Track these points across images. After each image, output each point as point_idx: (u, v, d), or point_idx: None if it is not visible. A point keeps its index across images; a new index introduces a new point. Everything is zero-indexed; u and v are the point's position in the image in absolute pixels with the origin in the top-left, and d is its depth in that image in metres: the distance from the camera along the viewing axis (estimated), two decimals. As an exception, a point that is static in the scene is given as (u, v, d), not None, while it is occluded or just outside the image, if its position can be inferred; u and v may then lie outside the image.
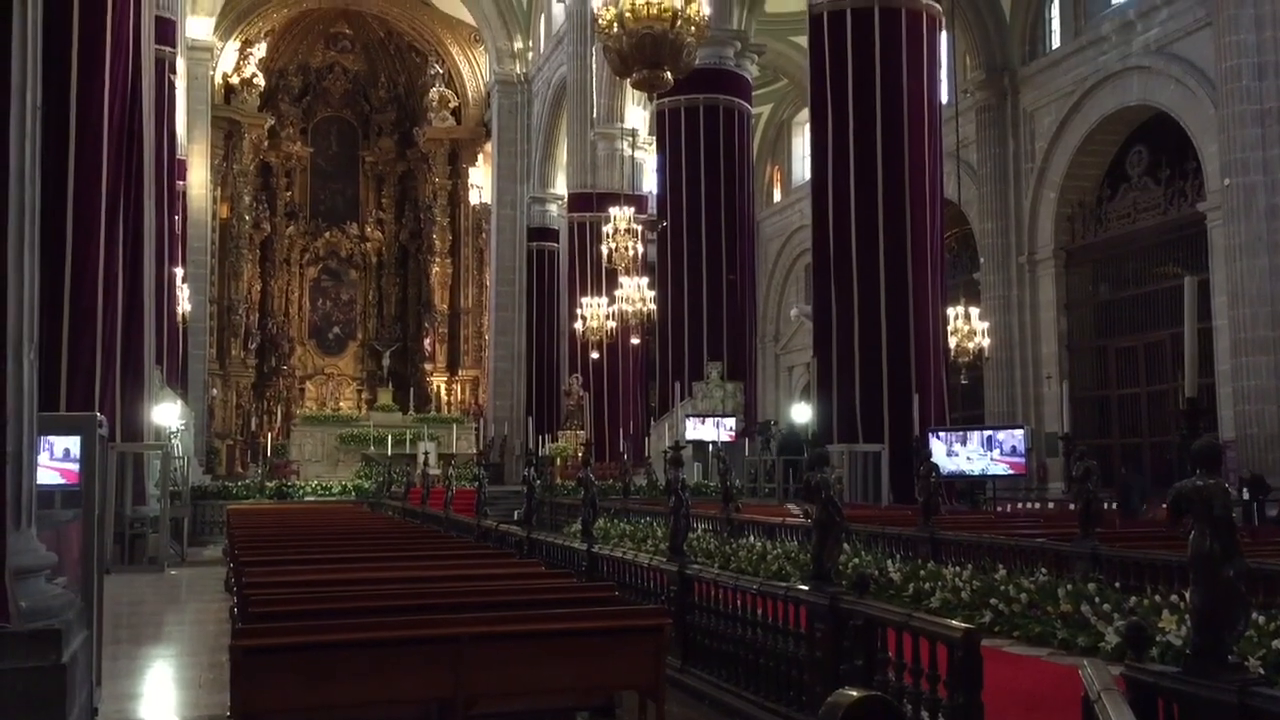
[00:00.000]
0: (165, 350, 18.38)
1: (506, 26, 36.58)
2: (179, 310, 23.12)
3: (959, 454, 15.82)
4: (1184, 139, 20.54)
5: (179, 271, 22.72)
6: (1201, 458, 3.33)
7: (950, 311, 19.00)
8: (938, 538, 10.36)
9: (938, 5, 17.22)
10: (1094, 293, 23.84)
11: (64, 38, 10.43)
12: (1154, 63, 21.02)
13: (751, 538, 12.01)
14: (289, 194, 40.73)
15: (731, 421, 22.05)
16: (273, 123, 39.82)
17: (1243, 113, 17.29)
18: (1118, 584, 8.19)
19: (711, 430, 21.80)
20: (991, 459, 15.68)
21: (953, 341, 19.17)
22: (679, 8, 11.21)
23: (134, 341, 11.82)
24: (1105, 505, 12.86)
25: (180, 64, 22.70)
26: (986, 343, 20.24)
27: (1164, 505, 3.71)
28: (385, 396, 37.05)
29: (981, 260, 25.20)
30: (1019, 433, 16.19)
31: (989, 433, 16.31)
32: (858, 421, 16.69)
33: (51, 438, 7.07)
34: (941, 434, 15.99)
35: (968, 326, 19.71)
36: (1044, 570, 8.67)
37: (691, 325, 23.65)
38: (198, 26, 32.40)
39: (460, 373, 40.82)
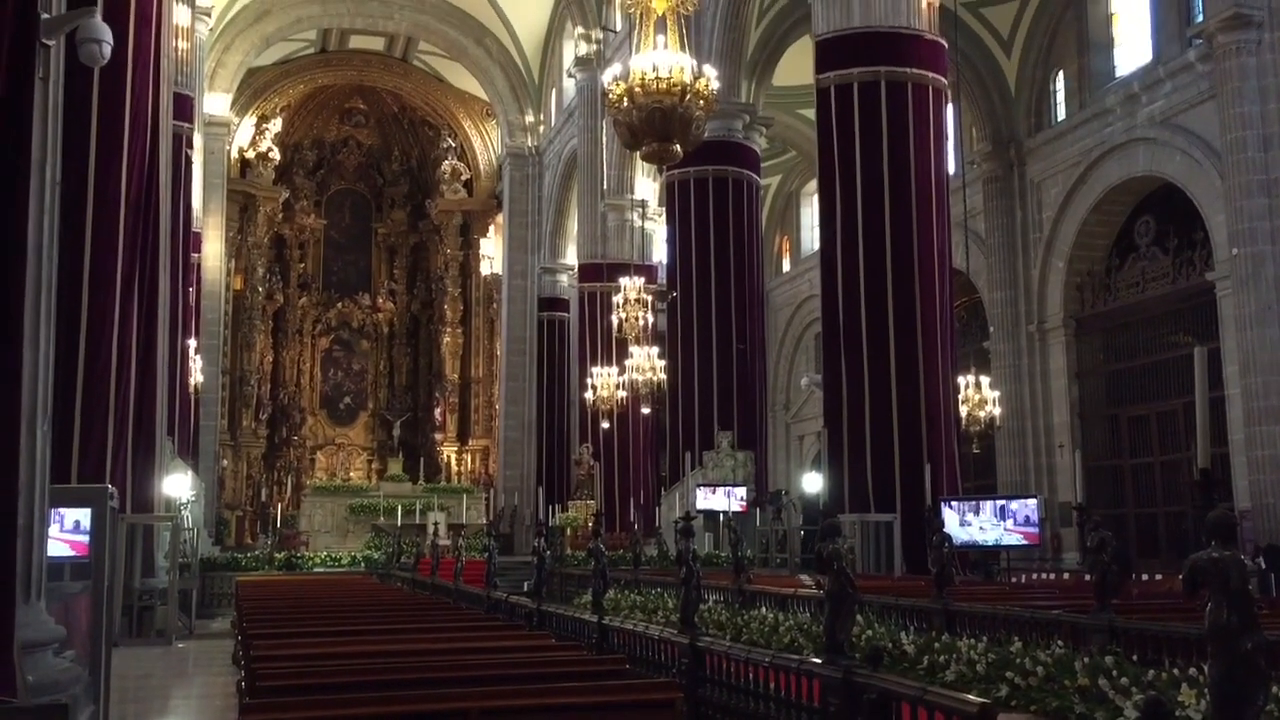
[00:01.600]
0: (177, 421, 18.43)
1: (518, 101, 37.14)
2: (192, 381, 23.21)
3: (972, 524, 15.70)
4: (1191, 209, 20.65)
5: (192, 343, 22.86)
6: (1216, 529, 3.31)
7: (961, 380, 18.98)
8: (952, 609, 10.24)
9: (943, 79, 17.44)
10: (1105, 361, 23.81)
11: (84, 114, 10.62)
12: (1159, 134, 21.20)
13: (763, 609, 11.90)
14: (302, 265, 41.11)
15: (742, 491, 21.95)
16: (287, 196, 40.33)
17: (1249, 183, 17.42)
18: (1135, 657, 8.07)
19: (722, 500, 21.68)
20: (1005, 529, 15.55)
21: (964, 410, 19.12)
22: (688, 82, 11.39)
23: (147, 413, 11.87)
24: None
25: (198, 139, 23.06)
26: (998, 412, 20.17)
27: (1180, 577, 3.67)
28: (395, 466, 37.00)
29: (991, 329, 25.23)
30: (1032, 502, 16.07)
31: (1002, 502, 16.20)
32: (869, 491, 16.59)
33: (62, 509, 7.07)
34: (954, 503, 15.89)
35: (979, 395, 19.67)
36: (1060, 643, 8.55)
37: (702, 394, 23.64)
38: (215, 103, 32.95)
39: (471, 442, 40.80)
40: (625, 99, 11.43)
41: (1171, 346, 21.72)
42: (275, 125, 39.74)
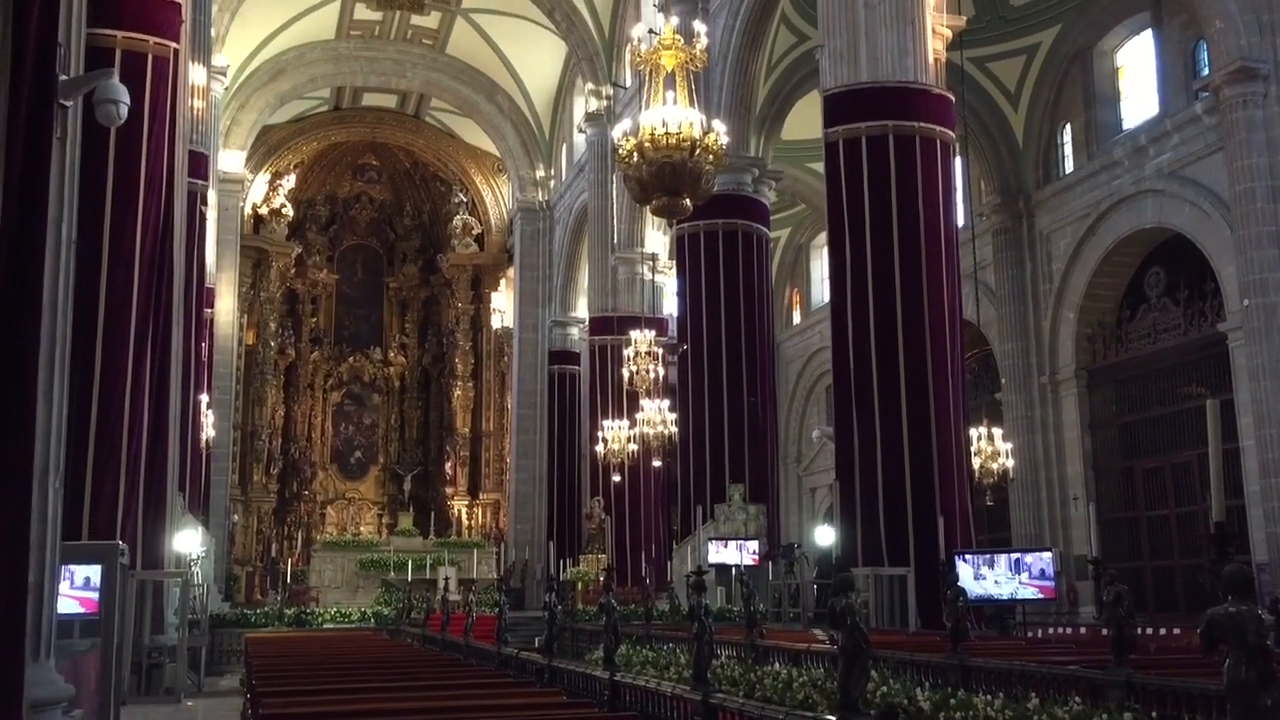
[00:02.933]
0: (188, 476, 18.43)
1: (529, 156, 37.50)
2: (203, 436, 23.25)
3: (986, 577, 15.55)
4: (1201, 260, 20.65)
5: (204, 398, 22.92)
6: (1233, 584, 3.28)
7: (973, 432, 18.90)
8: (967, 664, 10.12)
9: (951, 132, 17.55)
10: (1118, 413, 23.70)
11: (100, 172, 10.76)
12: (1167, 186, 21.27)
13: (777, 664, 11.77)
14: (314, 320, 41.33)
15: (754, 544, 21.81)
16: (300, 251, 40.66)
17: (1259, 234, 17.43)
18: (1154, 714, 7.95)
19: (734, 554, 21.54)
20: (1020, 582, 15.40)
21: (976, 463, 19.02)
22: (697, 137, 11.49)
23: (158, 468, 11.88)
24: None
25: (212, 196, 23.30)
26: (1011, 464, 20.07)
27: (1198, 632, 3.63)
28: (406, 521, 36.90)
29: (1003, 381, 25.17)
30: (1047, 555, 15.92)
31: (1017, 555, 16.05)
32: (883, 544, 16.47)
33: (73, 566, 7.07)
34: (968, 557, 15.76)
35: (991, 447, 19.58)
36: (1078, 699, 8.43)
37: (713, 447, 23.57)
38: (230, 160, 33.32)
39: (481, 496, 40.71)
40: (635, 154, 11.53)
41: (1185, 398, 21.61)
42: (289, 181, 40.18)
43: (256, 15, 31.03)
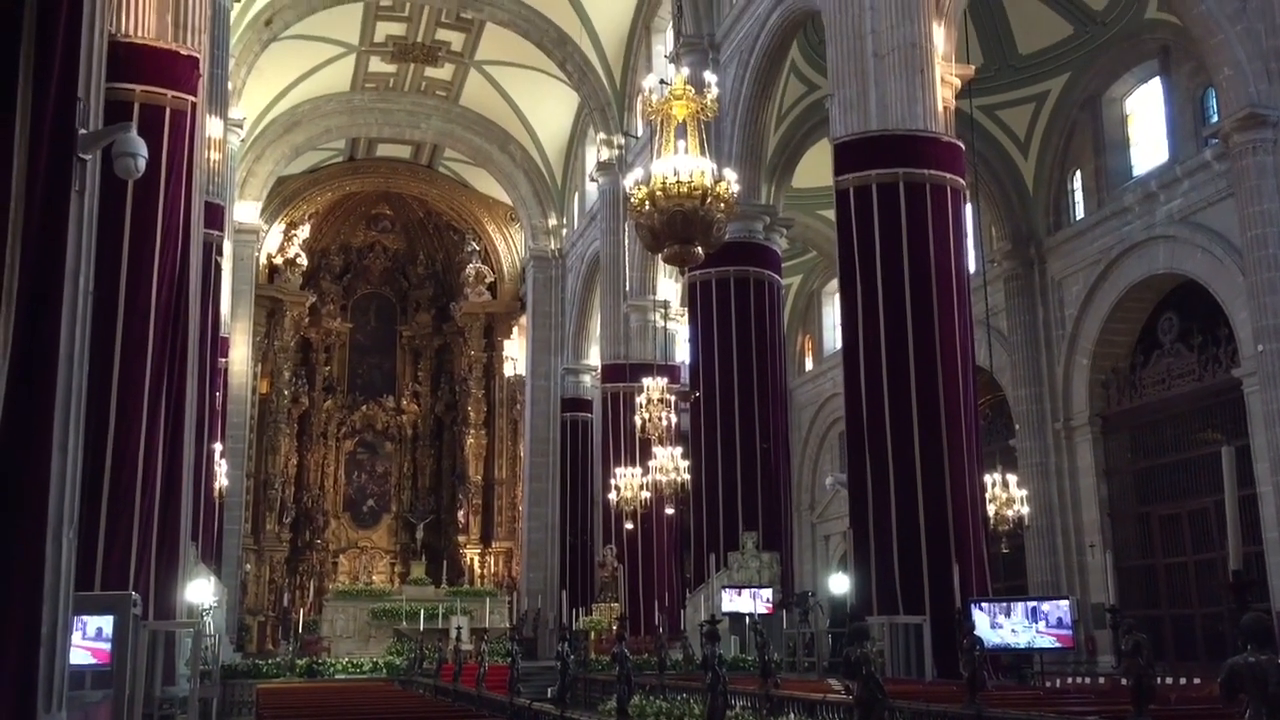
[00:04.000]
0: (201, 526, 18.43)
1: (541, 205, 37.77)
2: (217, 486, 23.26)
3: (1003, 626, 15.38)
4: (1214, 305, 20.62)
5: (218, 447, 22.96)
6: (1252, 633, 3.26)
7: (987, 479, 18.80)
8: (985, 715, 9.99)
9: (961, 179, 17.61)
10: (1133, 459, 23.54)
11: (117, 224, 10.87)
12: (1179, 232, 21.28)
13: (792, 715, 11.65)
14: (328, 369, 41.49)
15: (768, 593, 21.65)
16: (314, 300, 40.90)
17: (1272, 279, 17.41)
18: (1176, 765, 7.84)
19: (748, 602, 21.39)
20: (1037, 631, 15.23)
21: (991, 509, 18.89)
22: (708, 186, 11.55)
23: (171, 518, 11.90)
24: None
25: (227, 246, 23.48)
26: (1026, 511, 19.93)
27: (1218, 682, 3.59)
28: (418, 570, 36.74)
29: (1017, 427, 25.06)
30: (1064, 604, 15.76)
31: (1033, 604, 15.89)
32: (897, 592, 16.32)
33: (85, 617, 7.06)
34: (984, 605, 15.61)
35: (1006, 494, 19.45)
36: (1098, 750, 8.32)
37: (726, 495, 23.48)
38: (245, 211, 33.62)
39: (494, 544, 40.57)
40: (647, 202, 11.59)
41: (1200, 444, 21.48)
42: (303, 232, 40.52)
43: (273, 69, 31.45)
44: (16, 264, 4.95)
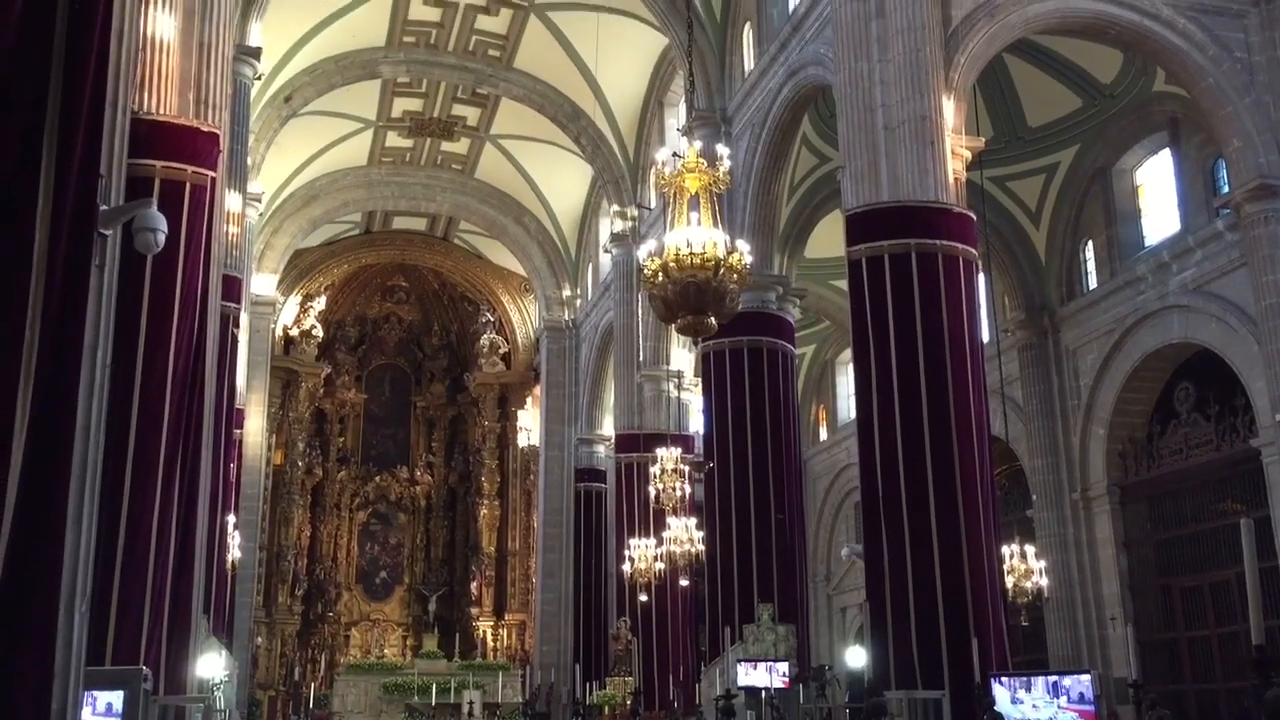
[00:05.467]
0: (213, 598, 18.33)
1: (555, 276, 38.04)
2: (229, 558, 23.18)
3: (1024, 701, 15.10)
4: (1230, 375, 20.53)
5: (231, 519, 22.91)
6: (1274, 709, 3.20)
7: (1005, 550, 18.60)
8: (1007, 794, 9.80)
9: (973, 250, 17.67)
10: (1153, 530, 23.29)
11: (135, 297, 10.97)
12: (1192, 301, 21.27)
13: (809, 794, 11.43)
14: (342, 440, 41.54)
15: (784, 666, 21.33)
16: (329, 371, 41.08)
17: (1287, 348, 17.35)
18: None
19: (764, 676, 21.07)
20: (1059, 706, 14.94)
21: (1010, 581, 18.67)
22: (721, 257, 11.61)
23: (183, 591, 11.85)
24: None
25: (244, 318, 23.66)
26: (1045, 582, 19.69)
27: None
28: (430, 643, 36.44)
29: (1034, 497, 24.86)
30: (1086, 678, 15.46)
31: (1054, 678, 15.61)
32: (915, 666, 16.08)
33: (95, 692, 7.00)
34: (1004, 679, 15.34)
35: (1024, 565, 19.24)
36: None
37: (741, 566, 23.26)
38: (262, 283, 33.94)
39: (506, 617, 40.22)
40: (660, 273, 11.65)
41: (1220, 515, 21.26)
42: (319, 303, 40.84)
43: (292, 144, 31.96)
44: (36, 338, 5.00)
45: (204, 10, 13.75)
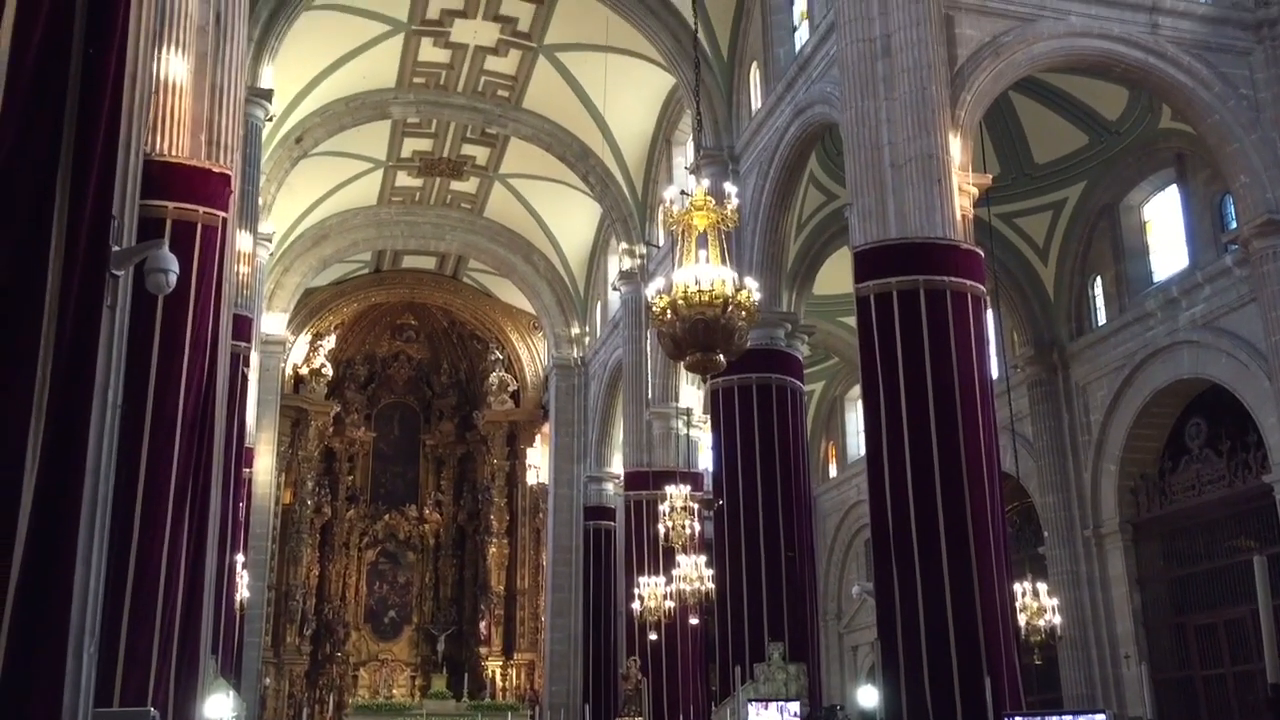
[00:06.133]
0: (221, 638, 18.26)
1: (564, 314, 38.13)
2: (238, 598, 23.12)
3: (1038, 741, 14.99)
4: (1242, 410, 20.45)
5: (240, 558, 22.87)
6: (1293, 751, 3.16)
7: (1017, 588, 18.46)
8: (1022, 836, 9.68)
9: (981, 286, 17.67)
10: (1166, 567, 23.11)
11: (146, 337, 11.02)
12: (1202, 337, 21.22)
13: (822, 836, 11.29)
14: (351, 478, 41.51)
15: (796, 706, 21.12)
16: (338, 409, 41.12)
17: (1298, 383, 17.29)
18: None
19: (775, 716, 20.85)
20: (1073, 747, 14.82)
21: (1022, 619, 18.51)
22: (730, 294, 11.62)
23: (191, 631, 11.81)
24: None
25: (254, 358, 23.73)
26: (1058, 620, 19.52)
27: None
28: (439, 683, 36.23)
29: (1046, 534, 24.71)
30: (1101, 718, 15.35)
31: (1069, 718, 15.51)
32: (928, 705, 15.92)
33: (103, 733, 6.97)
34: (1018, 719, 15.22)
35: (1037, 603, 19.08)
36: None
37: (751, 604, 23.11)
38: (272, 322, 34.06)
39: (516, 656, 39.99)
40: (669, 311, 11.66)
41: (1233, 551, 21.10)
42: (329, 342, 40.96)
43: (303, 184, 32.19)
44: (47, 378, 5.02)
45: (217, 53, 13.90)
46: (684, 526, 22.89)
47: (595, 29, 27.28)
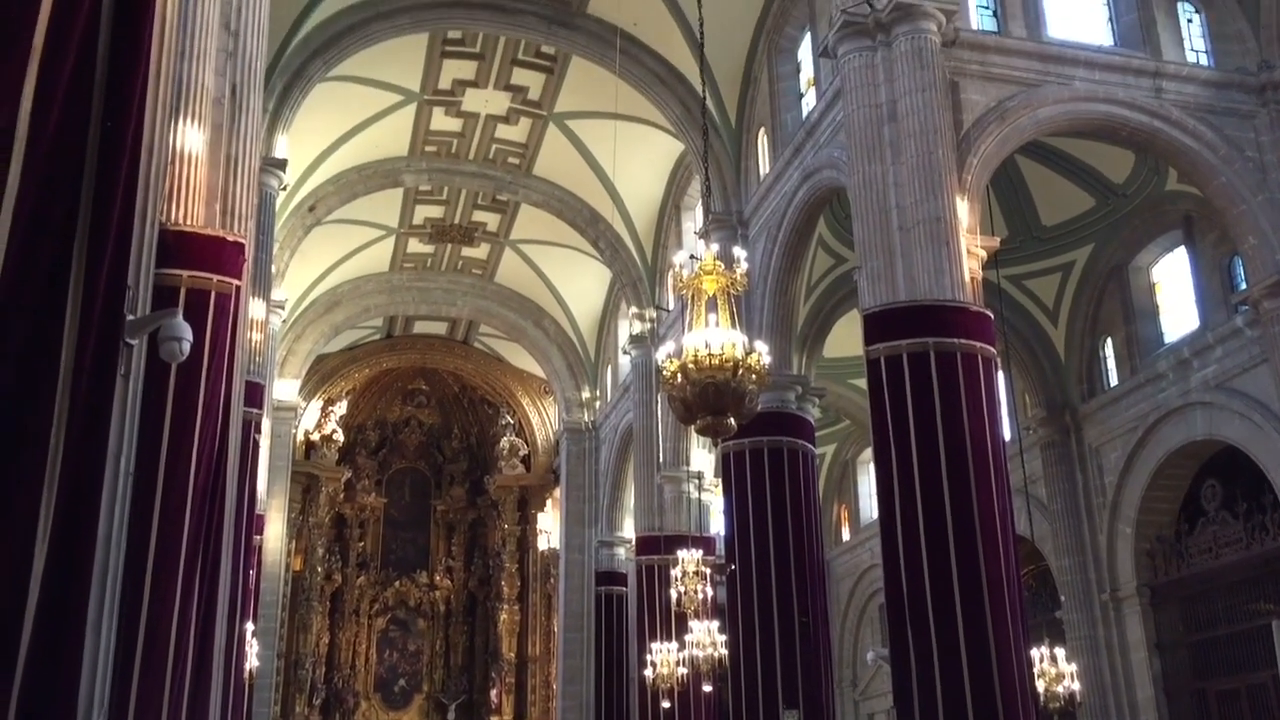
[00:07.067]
0: (230, 708, 18.07)
1: (575, 378, 38.18)
2: (247, 667, 22.91)
3: (1059, 811, 14.68)
4: (1257, 471, 20.30)
5: (250, 626, 22.71)
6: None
7: (1035, 653, 18.22)
8: None
9: (992, 348, 17.66)
10: (1185, 632, 22.78)
11: (159, 404, 11.05)
12: (1215, 398, 21.14)
13: None
14: (361, 544, 41.34)
15: (812, 776, 20.82)
16: (349, 475, 41.07)
17: (1313, 443, 17.17)
18: None
19: (791, 786, 20.54)
20: (1096, 816, 14.50)
21: (1041, 685, 18.24)
22: (740, 357, 11.65)
23: (200, 702, 11.69)
24: None
25: (266, 424, 23.73)
26: (1076, 686, 19.23)
27: None
28: (450, 753, 35.75)
29: (1062, 598, 24.42)
30: (1122, 786, 15.05)
31: (1090, 786, 15.19)
32: (947, 775, 15.65)
33: (110, 806, 6.89)
34: (1038, 788, 14.92)
35: (1055, 669, 18.81)
36: None
37: (765, 670, 22.82)
38: (284, 389, 34.15)
39: (527, 726, 39.51)
40: (679, 375, 11.68)
41: (1253, 615, 20.82)
42: (340, 408, 41.02)
43: (315, 251, 32.48)
44: (60, 447, 5.04)
45: (232, 125, 14.09)
46: (696, 591, 22.70)
47: (605, 97, 27.63)
